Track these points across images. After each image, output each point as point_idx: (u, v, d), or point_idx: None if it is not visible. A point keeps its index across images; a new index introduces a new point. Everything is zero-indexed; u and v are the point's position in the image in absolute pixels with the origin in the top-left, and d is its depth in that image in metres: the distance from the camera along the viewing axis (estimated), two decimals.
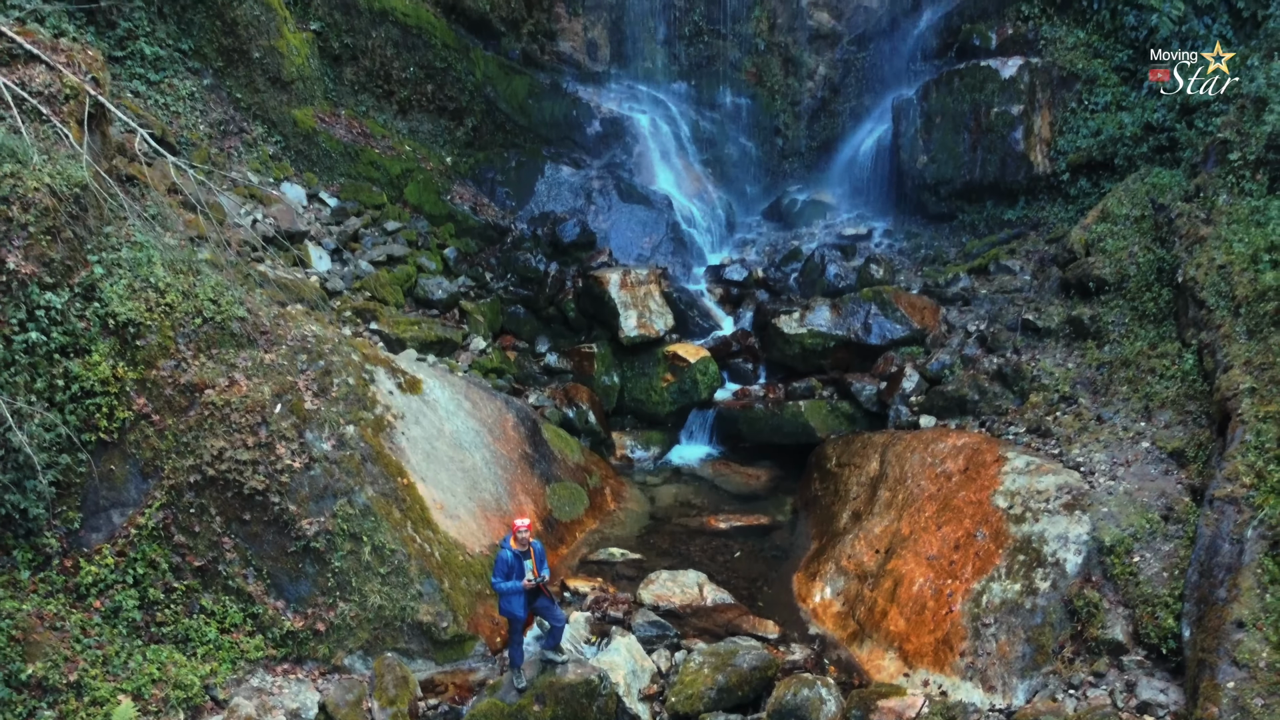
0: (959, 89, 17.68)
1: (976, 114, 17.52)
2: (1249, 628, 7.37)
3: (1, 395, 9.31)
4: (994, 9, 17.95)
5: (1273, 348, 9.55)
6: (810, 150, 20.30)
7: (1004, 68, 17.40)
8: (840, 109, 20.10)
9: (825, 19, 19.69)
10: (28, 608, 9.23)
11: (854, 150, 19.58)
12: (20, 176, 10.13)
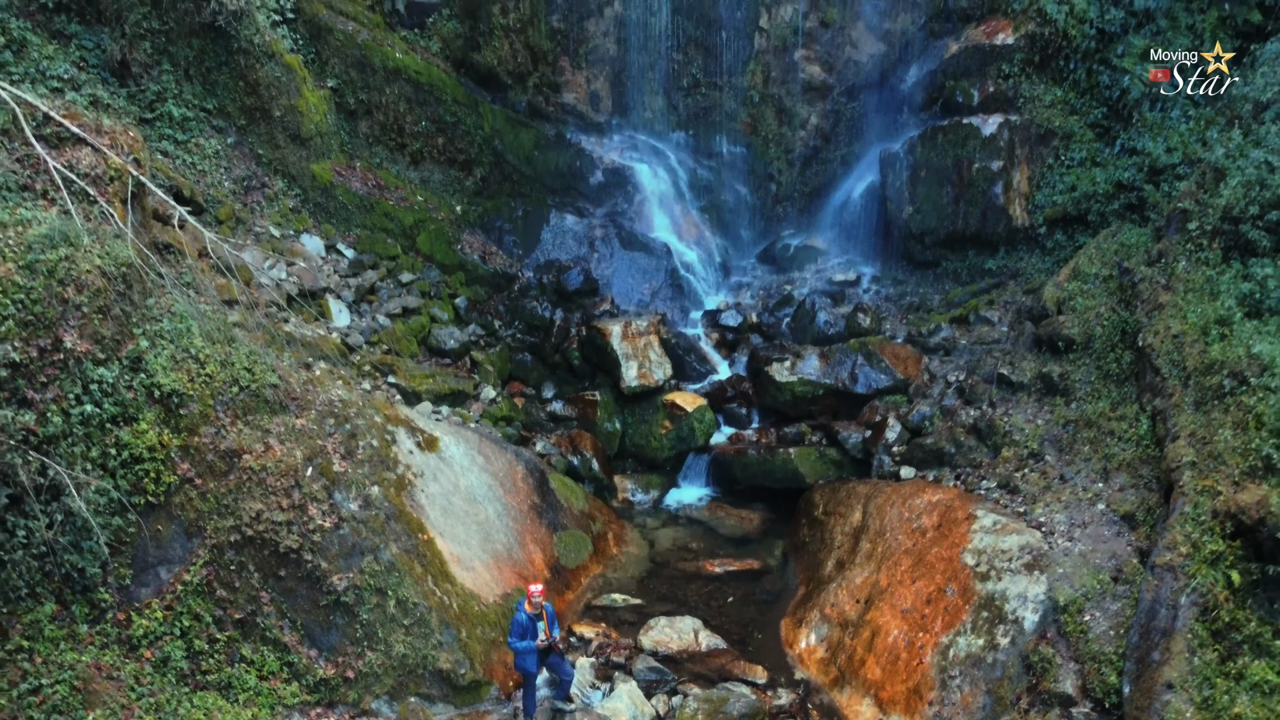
0: (943, 144, 18.66)
1: (959, 168, 18.51)
2: (1178, 689, 8.35)
3: (62, 465, 10.32)
4: (976, 67, 18.91)
5: (1214, 421, 10.53)
6: (803, 196, 21.26)
7: (985, 125, 18.38)
8: (831, 157, 21.06)
9: (817, 72, 20.65)
10: (86, 659, 10.22)
11: (845, 197, 20.55)
12: (74, 259, 11.13)
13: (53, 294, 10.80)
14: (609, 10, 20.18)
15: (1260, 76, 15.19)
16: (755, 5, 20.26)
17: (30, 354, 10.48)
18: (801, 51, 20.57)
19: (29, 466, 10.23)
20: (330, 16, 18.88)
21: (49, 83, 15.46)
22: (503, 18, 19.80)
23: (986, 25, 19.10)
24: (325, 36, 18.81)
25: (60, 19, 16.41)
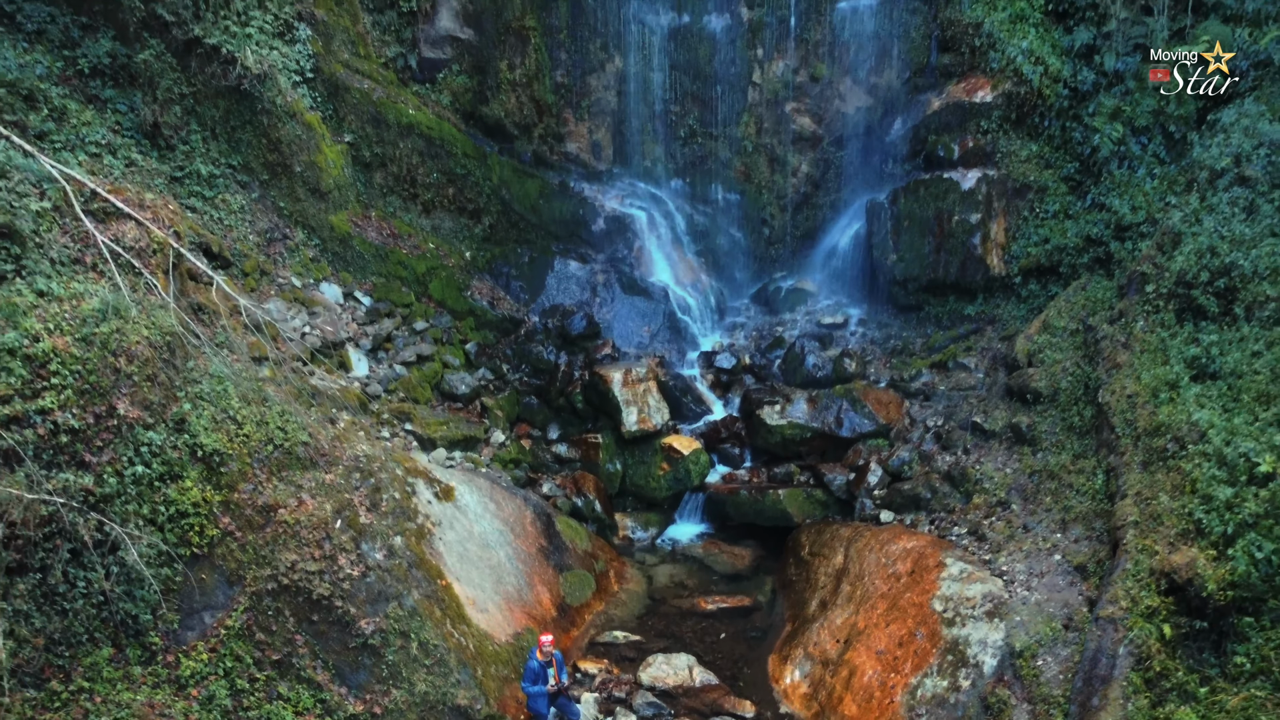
0: (924, 197, 19.80)
1: (940, 220, 19.64)
2: None
3: (117, 522, 11.45)
4: (956, 123, 20.04)
5: (1156, 483, 11.67)
6: (794, 239, 22.40)
7: (965, 180, 19.52)
8: (821, 202, 22.20)
9: (807, 123, 21.79)
10: (141, 698, 11.36)
11: (834, 242, 21.69)
12: (124, 331, 12.28)
13: (106, 364, 11.94)
14: (610, 66, 21.31)
15: (1215, 146, 16.35)
16: (748, 61, 21.39)
17: (87, 420, 11.63)
18: (792, 104, 21.71)
19: (88, 524, 11.38)
20: (347, 75, 20.00)
21: (88, 149, 16.57)
22: (510, 73, 20.94)
23: (966, 82, 20.23)
24: (343, 94, 19.94)
25: (95, 83, 17.53)
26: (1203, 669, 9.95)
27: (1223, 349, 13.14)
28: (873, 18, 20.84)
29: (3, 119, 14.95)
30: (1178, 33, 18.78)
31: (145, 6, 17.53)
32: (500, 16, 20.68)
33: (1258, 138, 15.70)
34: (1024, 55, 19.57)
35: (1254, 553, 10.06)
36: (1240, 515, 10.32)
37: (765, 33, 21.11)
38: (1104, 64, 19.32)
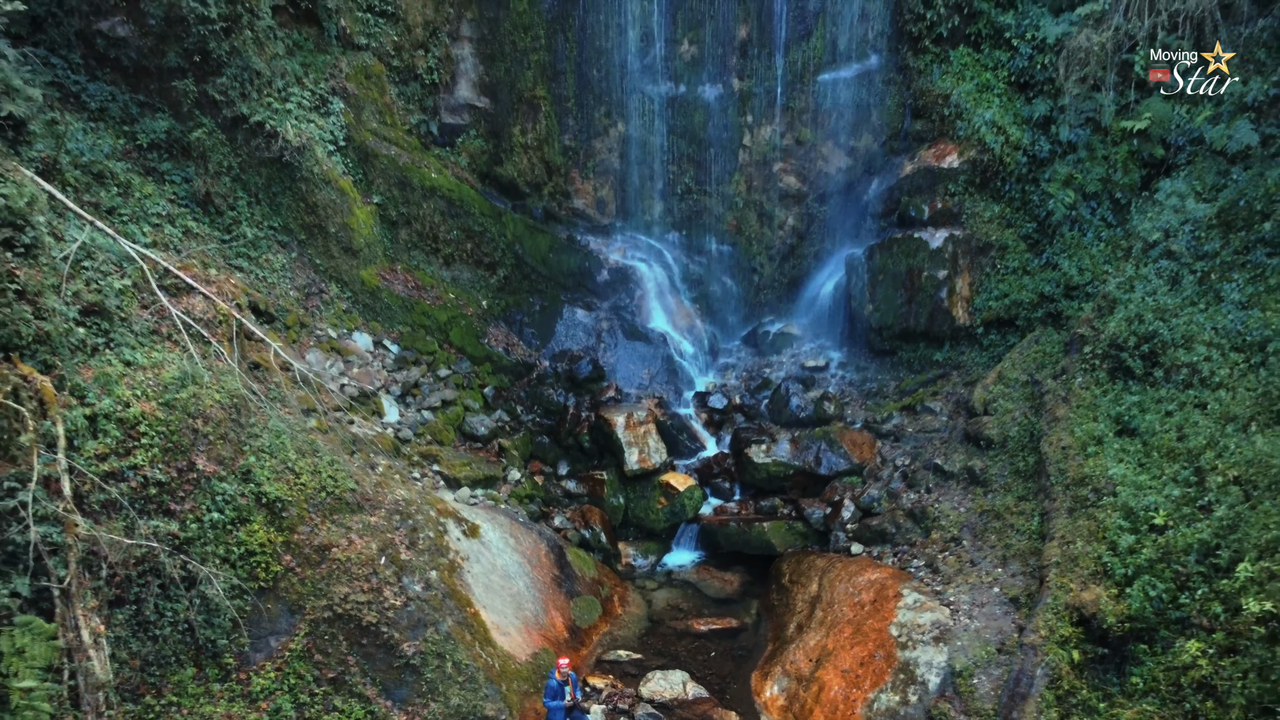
0: (898, 253, 21.91)
1: (911, 275, 21.76)
2: None
3: (197, 561, 13.56)
4: (927, 185, 22.16)
5: (1078, 528, 13.78)
6: (781, 286, 24.51)
7: (933, 239, 21.63)
8: (806, 253, 24.31)
9: (793, 181, 23.91)
10: (220, 710, 13.47)
11: (817, 290, 23.80)
12: (199, 395, 14.42)
13: (186, 425, 14.10)
14: (613, 131, 23.43)
15: (1149, 219, 18.48)
16: (739, 127, 23.52)
17: (172, 474, 13.78)
18: (780, 164, 23.83)
19: (175, 564, 13.51)
20: (376, 143, 22.12)
21: (150, 219, 18.68)
22: (522, 137, 23.08)
23: (936, 148, 22.35)
24: (372, 160, 22.05)
25: (153, 156, 19.66)
26: (1105, 688, 12.08)
27: (1142, 408, 15.26)
28: (851, 88, 22.96)
29: (82, 200, 17.09)
30: (1123, 108, 20.87)
31: (198, 88, 19.64)
32: (514, 87, 22.81)
33: (1185, 214, 17.85)
34: (987, 125, 21.68)
35: (1148, 591, 12.20)
36: (1138, 560, 12.45)
37: (754, 101, 23.23)
38: (1059, 134, 21.43)
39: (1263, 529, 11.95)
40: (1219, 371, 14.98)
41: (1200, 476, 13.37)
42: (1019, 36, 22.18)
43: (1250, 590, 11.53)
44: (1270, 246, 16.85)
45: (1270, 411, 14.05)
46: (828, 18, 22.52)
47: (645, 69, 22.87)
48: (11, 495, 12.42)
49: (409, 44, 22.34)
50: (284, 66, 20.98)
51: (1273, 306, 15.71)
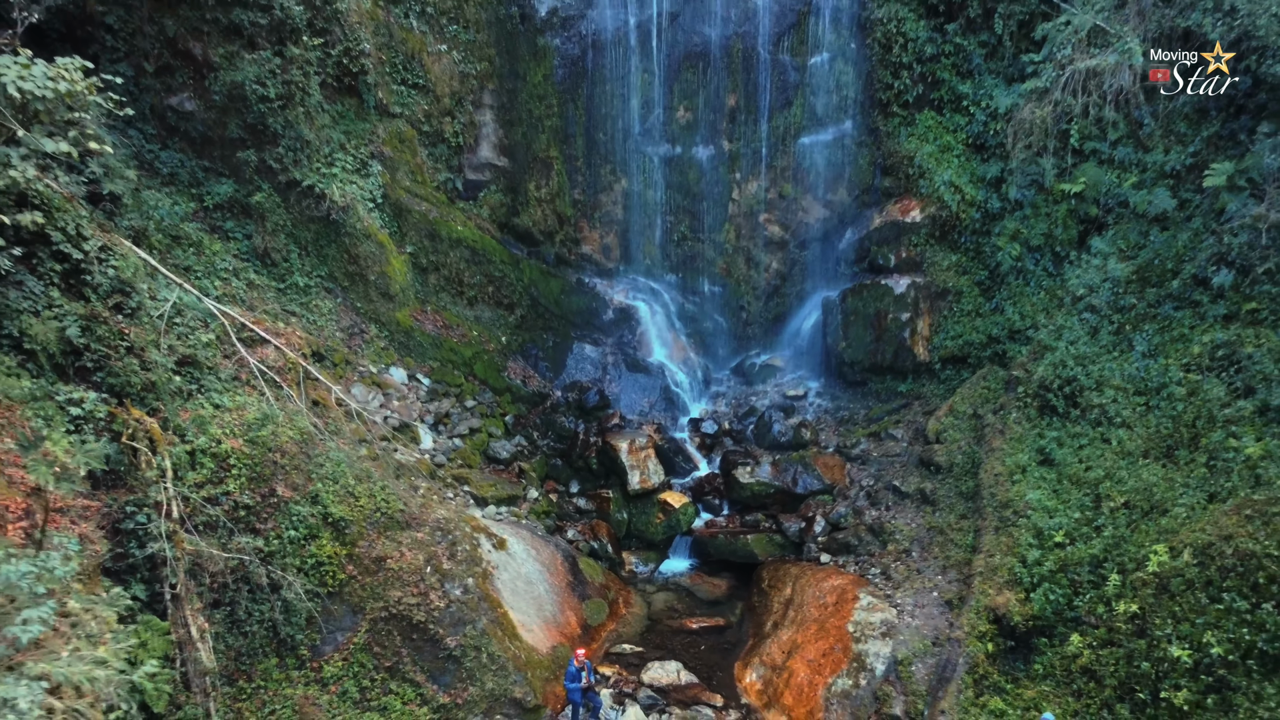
0: (867, 297, 24.95)
1: (879, 316, 24.78)
2: (948, 713, 14.62)
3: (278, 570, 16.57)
4: (893, 237, 25.19)
5: (1000, 543, 16.81)
6: (766, 322, 27.55)
7: (898, 285, 24.66)
8: (788, 292, 27.34)
9: (776, 230, 26.94)
10: (299, 692, 16.48)
11: (797, 326, 26.84)
12: (276, 432, 17.44)
13: (267, 458, 17.11)
14: (617, 186, 26.46)
15: (1076, 275, 21.52)
16: (729, 183, 26.56)
17: (256, 499, 16.80)
18: (764, 215, 26.86)
19: (261, 572, 16.53)
20: (409, 199, 25.14)
21: (220, 274, 21.71)
22: (537, 192, 26.11)
23: (901, 203, 25.39)
24: (406, 215, 25.08)
25: (217, 215, 22.69)
26: (1012, 673, 15.13)
27: (1060, 443, 18.29)
28: (827, 149, 26.00)
29: (165, 261, 20.13)
30: (1063, 172, 23.89)
31: (258, 157, 22.68)
32: (529, 148, 25.85)
33: (1105, 273, 20.90)
34: (946, 185, 24.72)
35: (1048, 596, 15.25)
36: (1041, 570, 15.50)
37: (742, 161, 26.28)
38: (1008, 193, 24.46)
39: (1137, 546, 15.00)
40: (1123, 412, 18.02)
41: (1097, 501, 16.42)
42: (975, 104, 25.24)
43: (1126, 594, 14.59)
44: (1177, 301, 19.93)
45: (1160, 447, 17.12)
46: (806, 89, 25.55)
47: (646, 132, 25.90)
48: (131, 517, 15.46)
49: (438, 112, 25.37)
50: (329, 135, 24.01)
51: (1173, 355, 18.77)
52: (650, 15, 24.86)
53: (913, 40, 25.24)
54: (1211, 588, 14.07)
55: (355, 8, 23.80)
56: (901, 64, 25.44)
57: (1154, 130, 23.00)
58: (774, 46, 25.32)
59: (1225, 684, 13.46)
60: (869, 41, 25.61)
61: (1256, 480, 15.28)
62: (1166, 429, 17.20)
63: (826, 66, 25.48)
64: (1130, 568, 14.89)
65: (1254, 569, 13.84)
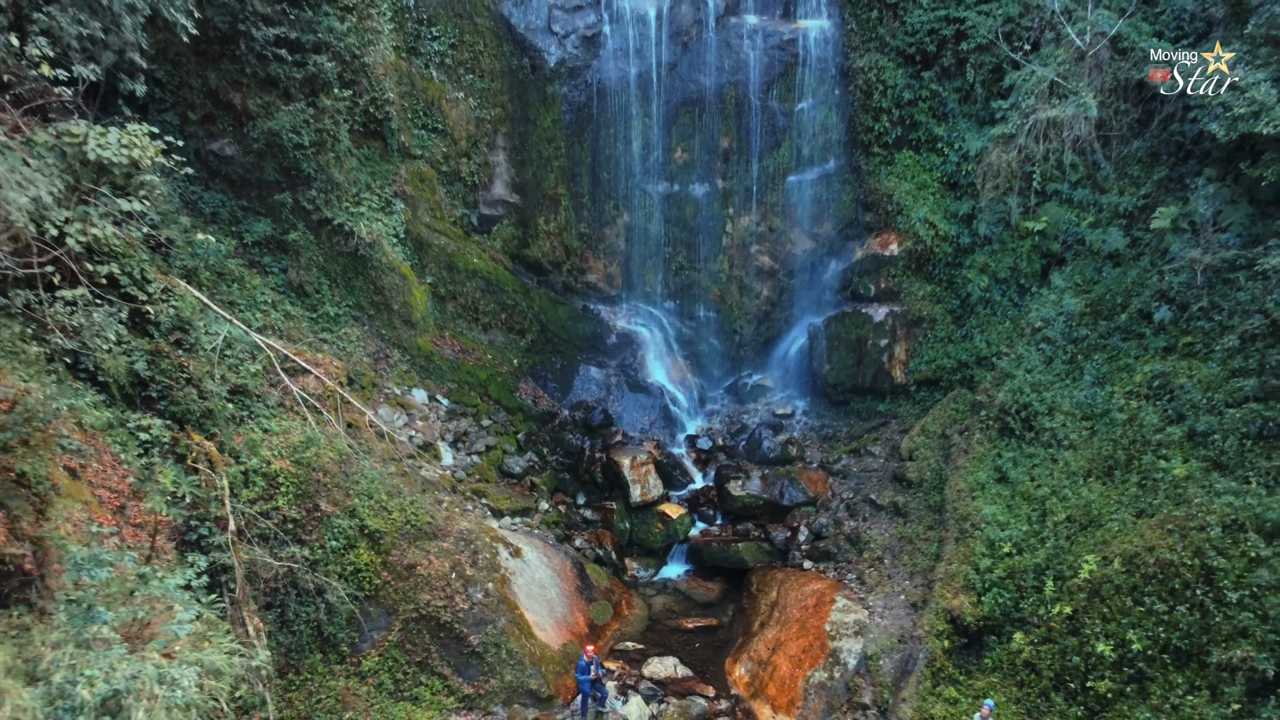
0: (849, 324, 27.20)
1: (860, 342, 27.02)
2: (909, 701, 16.87)
3: (323, 576, 18.80)
4: (874, 268, 27.42)
5: (959, 553, 19.04)
6: (757, 345, 29.79)
7: (877, 314, 26.91)
8: (778, 318, 29.59)
9: (767, 260, 29.18)
10: (340, 684, 18.71)
11: (786, 349, 29.09)
12: (319, 454, 19.67)
13: (311, 477, 19.34)
14: (620, 220, 28.70)
15: (1035, 309, 23.75)
16: (723, 217, 28.80)
17: (302, 513, 19.02)
18: (756, 247, 29.10)
19: (308, 579, 18.76)
20: (429, 234, 27.39)
21: (260, 307, 23.91)
22: (546, 226, 28.34)
23: (881, 237, 27.63)
24: (426, 248, 27.32)
25: (255, 251, 24.90)
26: (966, 667, 17.37)
27: (1015, 462, 20.54)
28: (813, 186, 28.24)
29: (213, 297, 22.34)
30: (1027, 210, 26.13)
31: (293, 199, 24.90)
32: (539, 186, 28.09)
33: (1061, 308, 23.14)
34: (921, 221, 26.97)
35: (997, 600, 17.49)
36: (992, 577, 17.74)
37: (735, 197, 28.52)
38: (978, 229, 26.70)
39: (1074, 556, 17.26)
40: (1070, 435, 20.26)
41: (1043, 516, 18.67)
42: (949, 145, 27.50)
43: (1062, 598, 16.84)
44: (1124, 333, 22.17)
45: (1101, 467, 19.36)
46: (794, 132, 27.80)
47: (646, 171, 28.14)
48: (195, 530, 17.68)
49: (455, 153, 27.61)
50: (357, 176, 26.24)
51: (1118, 383, 21.01)
52: (650, 66, 27.10)
53: (892, 87, 27.49)
54: (1135, 592, 16.32)
55: (381, 61, 26.03)
56: (881, 108, 27.69)
57: (1109, 173, 25.27)
58: (764, 94, 27.57)
59: (1143, 675, 15.72)
60: (851, 88, 27.87)
61: (1180, 498, 17.52)
62: (1107, 451, 19.43)
63: (812, 112, 27.73)
64: (1067, 575, 17.14)
65: (1171, 576, 16.09)
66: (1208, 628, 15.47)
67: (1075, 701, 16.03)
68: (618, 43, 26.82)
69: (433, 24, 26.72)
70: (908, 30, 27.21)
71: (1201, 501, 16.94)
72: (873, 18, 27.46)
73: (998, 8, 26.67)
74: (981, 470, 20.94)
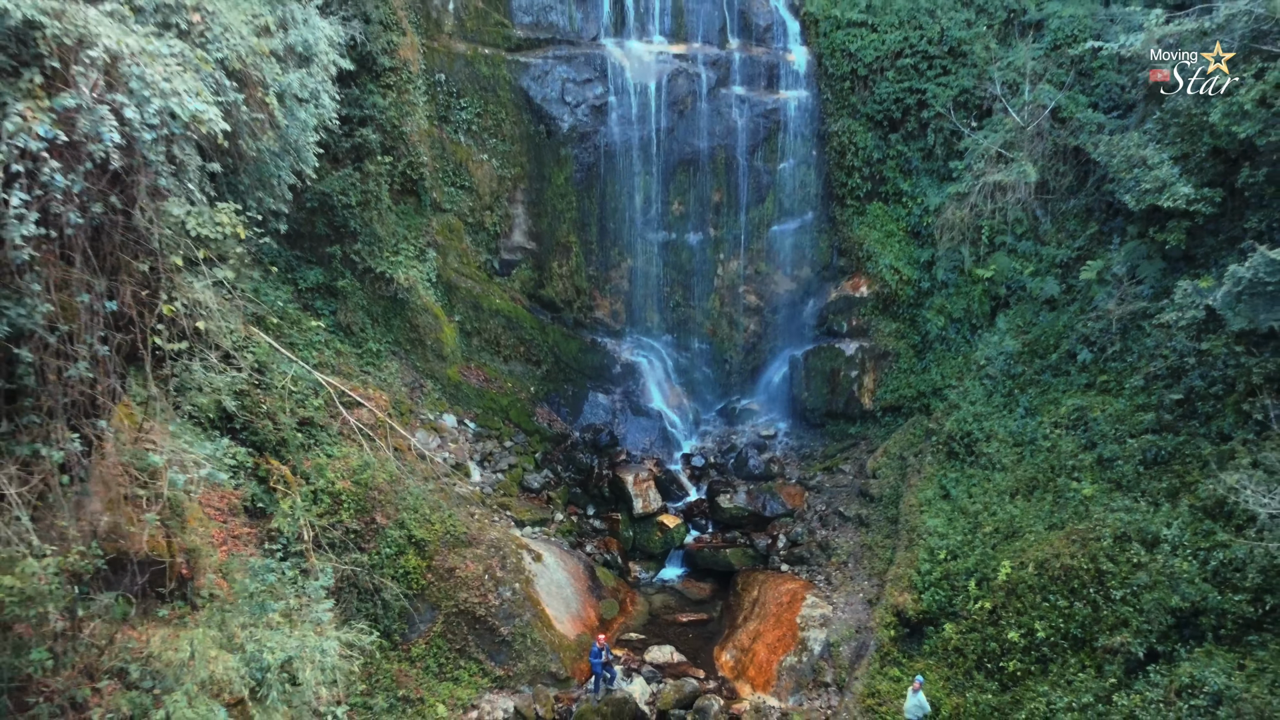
0: (824, 357, 31.12)
1: (834, 373, 30.95)
2: (861, 679, 20.82)
3: (379, 577, 22.72)
4: (846, 308, 31.35)
5: (907, 559, 22.96)
6: (745, 373, 33.72)
7: (848, 348, 30.84)
8: (763, 349, 33.52)
9: (753, 299, 33.10)
10: (394, 667, 22.62)
11: (770, 377, 33.03)
12: (374, 475, 23.61)
13: (368, 495, 23.28)
14: (624, 264, 32.63)
15: (980, 348, 27.67)
16: (714, 261, 32.74)
17: (361, 525, 22.95)
18: (744, 287, 33.02)
19: (367, 580, 22.69)
20: (457, 277, 31.31)
21: (315, 346, 27.81)
22: (559, 269, 32.26)
23: (853, 280, 31.55)
24: (455, 290, 31.25)
25: (308, 296, 28.79)
26: (908, 651, 21.30)
27: (957, 482, 24.45)
28: (794, 235, 32.17)
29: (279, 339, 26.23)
30: (978, 259, 30.03)
31: (342, 251, 28.81)
32: (553, 235, 32.02)
33: (1001, 347, 27.06)
34: (887, 267, 30.88)
35: (934, 597, 21.42)
36: (930, 579, 21.68)
37: (725, 244, 32.46)
38: (937, 275, 30.63)
39: (997, 561, 21.19)
40: (1003, 459, 24.19)
41: (975, 528, 22.60)
42: (913, 199, 31.44)
43: (985, 596, 20.77)
44: (1054, 370, 26.09)
45: (1025, 487, 23.28)
46: (776, 187, 31.75)
47: (647, 222, 32.07)
48: (274, 540, 21.55)
49: (479, 207, 31.54)
50: (396, 229, 30.17)
51: (1045, 414, 24.92)
52: (650, 131, 31.03)
53: (862, 148, 31.42)
54: (1043, 591, 20.25)
55: (417, 129, 29.97)
56: (854, 166, 31.61)
57: (1049, 228, 29.20)
58: (750, 155, 31.50)
59: (1045, 657, 19.66)
60: (827, 149, 31.81)
61: (1084, 514, 21.44)
62: (1030, 473, 23.36)
63: (792, 170, 31.67)
64: (990, 577, 21.07)
65: (1071, 578, 20.02)
66: (1097, 619, 19.40)
67: (992, 678, 19.97)
68: (622, 111, 30.73)
69: (461, 96, 30.64)
70: (876, 99, 31.11)
71: (1100, 516, 20.86)
72: (845, 88, 31.36)
73: (954, 80, 30.60)
74: (929, 488, 24.86)
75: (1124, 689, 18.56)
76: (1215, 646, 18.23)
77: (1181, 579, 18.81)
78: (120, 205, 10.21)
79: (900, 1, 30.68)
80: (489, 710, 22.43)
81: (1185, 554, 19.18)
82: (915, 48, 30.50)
